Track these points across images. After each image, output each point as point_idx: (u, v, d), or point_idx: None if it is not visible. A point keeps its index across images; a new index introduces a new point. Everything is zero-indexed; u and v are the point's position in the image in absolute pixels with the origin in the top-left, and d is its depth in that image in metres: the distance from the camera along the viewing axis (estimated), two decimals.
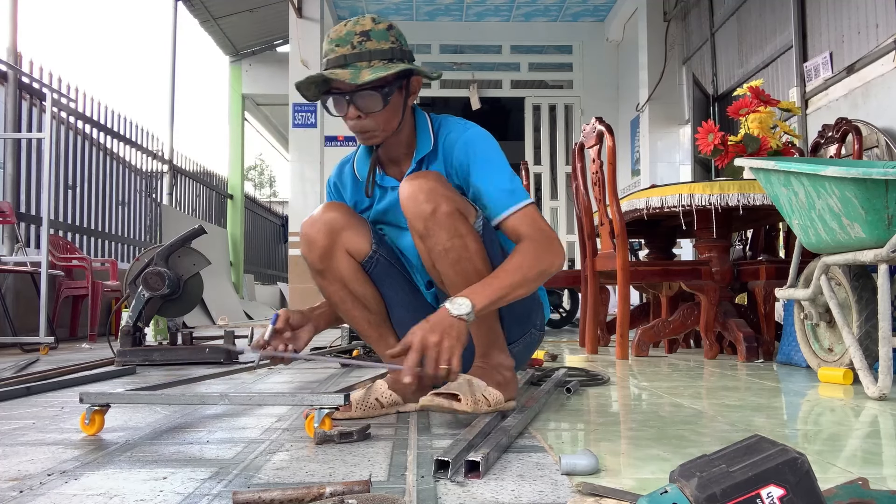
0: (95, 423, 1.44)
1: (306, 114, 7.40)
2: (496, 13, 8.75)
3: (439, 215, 1.44)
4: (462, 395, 1.43)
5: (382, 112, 1.52)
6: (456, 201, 1.46)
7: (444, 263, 1.48)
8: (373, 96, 1.50)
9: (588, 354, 3.30)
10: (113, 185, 6.79)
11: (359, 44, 1.49)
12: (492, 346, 1.56)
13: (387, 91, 1.51)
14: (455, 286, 1.50)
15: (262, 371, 2.66)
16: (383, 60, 1.50)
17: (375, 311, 1.68)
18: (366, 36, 1.50)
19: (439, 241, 1.46)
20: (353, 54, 1.48)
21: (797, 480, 0.67)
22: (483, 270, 1.49)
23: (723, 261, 3.13)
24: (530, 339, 1.67)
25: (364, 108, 1.51)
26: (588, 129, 3.32)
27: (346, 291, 1.64)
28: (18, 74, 4.96)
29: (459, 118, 1.67)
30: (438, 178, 1.48)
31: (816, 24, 4.96)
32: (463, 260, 1.47)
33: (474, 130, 1.60)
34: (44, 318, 4.12)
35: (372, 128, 1.54)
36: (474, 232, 1.49)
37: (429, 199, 1.43)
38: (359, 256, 1.63)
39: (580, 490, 0.96)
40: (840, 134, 3.38)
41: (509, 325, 1.60)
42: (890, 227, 1.83)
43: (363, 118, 1.52)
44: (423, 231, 1.47)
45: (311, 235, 1.60)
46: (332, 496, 0.92)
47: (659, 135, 7.51)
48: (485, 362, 1.56)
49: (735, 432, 1.41)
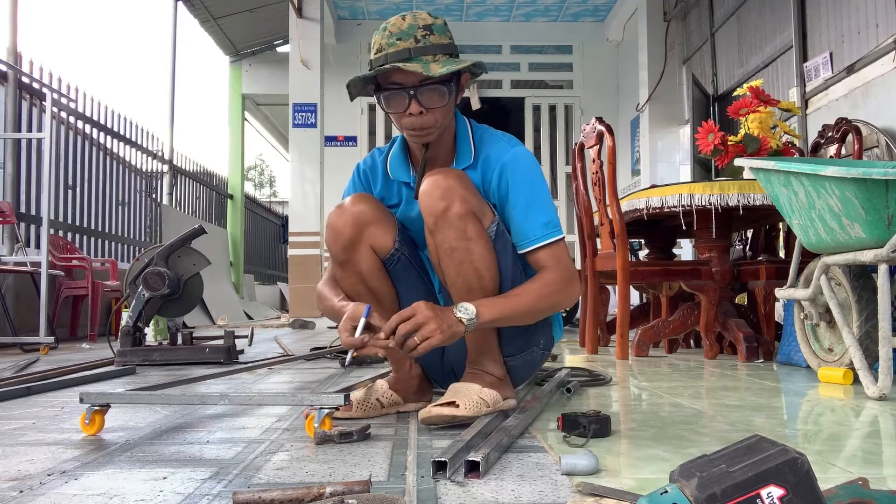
0: (95, 423, 1.44)
1: (306, 114, 7.39)
2: (496, 13, 8.75)
3: (451, 214, 1.43)
4: (460, 402, 1.43)
5: (442, 108, 1.50)
6: (471, 202, 1.45)
7: (448, 262, 1.48)
8: (438, 90, 1.48)
9: (588, 354, 3.30)
10: (113, 185, 6.79)
11: (423, 38, 1.48)
12: (483, 354, 1.55)
13: (451, 87, 1.50)
14: (454, 286, 1.50)
15: (262, 371, 2.66)
16: (446, 55, 1.50)
17: (388, 307, 1.64)
18: (429, 30, 1.49)
19: (446, 240, 1.46)
20: (417, 48, 1.47)
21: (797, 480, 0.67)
22: (484, 276, 1.48)
23: (723, 261, 3.12)
24: (531, 357, 1.64)
25: (428, 103, 1.48)
26: (588, 129, 3.32)
27: (363, 286, 1.61)
28: (18, 74, 4.96)
29: (502, 133, 1.63)
30: (460, 177, 1.47)
31: (816, 24, 4.96)
32: (466, 263, 1.46)
33: (518, 151, 1.57)
34: (44, 318, 4.12)
35: (431, 124, 1.51)
36: (485, 237, 1.47)
37: (444, 196, 1.43)
38: (382, 253, 1.60)
39: (580, 490, 0.96)
40: (840, 134, 3.38)
41: (510, 337, 1.58)
42: (890, 227, 1.83)
43: (425, 114, 1.49)
44: (433, 227, 1.46)
45: (337, 226, 1.56)
46: (332, 496, 0.92)
47: (659, 135, 7.51)
48: (475, 368, 1.55)
49: (735, 432, 1.41)
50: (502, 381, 1.56)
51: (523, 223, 1.53)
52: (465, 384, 1.51)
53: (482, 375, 1.54)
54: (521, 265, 1.57)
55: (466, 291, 1.48)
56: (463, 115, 1.66)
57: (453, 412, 1.41)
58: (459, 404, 1.43)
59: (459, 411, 1.41)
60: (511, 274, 1.52)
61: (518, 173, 1.54)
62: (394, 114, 1.52)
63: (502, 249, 1.52)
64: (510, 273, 1.52)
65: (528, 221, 1.53)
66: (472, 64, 1.52)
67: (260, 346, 4.07)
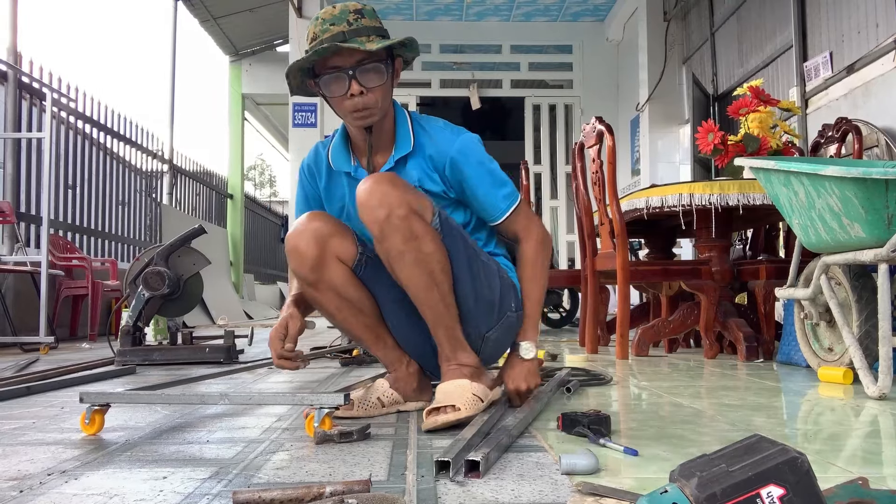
0: (95, 423, 1.44)
1: (306, 113, 7.39)
2: (496, 13, 8.74)
3: (393, 218, 1.44)
4: (458, 403, 1.44)
5: (381, 87, 1.55)
6: (409, 202, 1.46)
7: (400, 266, 1.49)
8: (377, 68, 1.53)
9: (588, 354, 3.30)
10: (113, 184, 6.79)
11: (355, 21, 1.53)
12: (456, 347, 1.57)
13: (386, 65, 1.55)
14: (410, 287, 1.51)
15: (262, 371, 2.66)
16: (379, 36, 1.55)
17: (370, 313, 1.68)
18: (360, 14, 1.55)
19: (394, 245, 1.47)
20: (351, 30, 1.52)
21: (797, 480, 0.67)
22: (437, 271, 1.49)
23: (723, 260, 3.12)
24: (507, 322, 1.66)
25: (367, 82, 1.53)
26: (588, 129, 3.32)
27: (341, 299, 1.63)
28: (18, 74, 4.96)
29: (442, 120, 1.69)
30: (391, 179, 1.48)
31: (816, 24, 4.96)
32: (418, 263, 1.48)
33: (464, 139, 1.64)
34: (44, 317, 4.12)
35: (373, 104, 1.55)
36: (431, 232, 1.49)
37: (382, 203, 1.44)
38: (348, 261, 1.63)
39: (580, 490, 0.96)
40: (840, 133, 3.38)
41: (482, 314, 1.61)
42: (890, 227, 1.83)
43: (365, 94, 1.53)
44: (379, 235, 1.47)
45: (300, 248, 1.57)
46: (332, 496, 0.92)
47: (659, 134, 7.51)
48: (453, 364, 1.57)
49: (735, 432, 1.41)
50: (479, 370, 1.59)
51: (489, 199, 1.64)
52: (453, 382, 1.52)
53: (461, 369, 1.55)
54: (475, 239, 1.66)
55: (424, 290, 1.50)
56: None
57: (458, 415, 1.43)
58: (460, 406, 1.44)
59: (461, 413, 1.43)
60: (465, 251, 1.57)
61: (470, 163, 1.63)
62: (335, 98, 1.56)
63: (450, 233, 1.54)
64: (463, 251, 1.56)
65: (493, 197, 1.64)
66: (406, 38, 1.57)
67: (260, 345, 4.07)
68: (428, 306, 1.53)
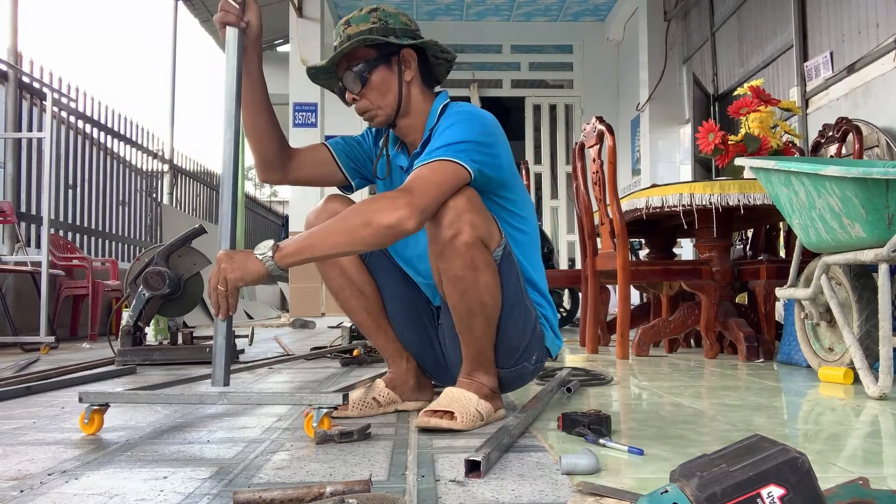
0: (95, 423, 1.44)
1: (306, 113, 7.39)
2: (496, 13, 8.74)
3: (458, 244, 1.41)
4: (457, 413, 1.43)
5: (369, 89, 1.55)
6: (479, 228, 1.41)
7: (451, 289, 1.47)
8: (350, 75, 1.55)
9: (588, 354, 3.30)
10: (113, 184, 6.79)
11: (342, 32, 1.55)
12: (480, 364, 1.54)
13: (361, 68, 1.53)
14: (455, 311, 1.49)
15: (263, 371, 2.66)
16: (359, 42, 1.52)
17: (372, 299, 1.70)
18: (347, 24, 1.56)
19: (451, 268, 1.44)
20: (339, 43, 1.55)
21: (798, 480, 0.67)
22: (487, 303, 1.46)
23: (723, 260, 3.12)
24: (523, 370, 1.62)
25: (350, 87, 1.55)
26: (588, 129, 3.32)
27: (345, 278, 1.67)
28: (19, 74, 4.96)
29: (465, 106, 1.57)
30: (470, 199, 1.41)
31: (817, 24, 4.96)
32: (470, 291, 1.45)
33: (465, 106, 1.55)
34: (44, 317, 4.12)
35: (367, 107, 1.56)
36: (491, 265, 1.46)
37: (452, 224, 1.40)
38: None
39: (580, 490, 0.96)
40: (840, 133, 3.38)
41: (503, 355, 1.57)
42: (890, 227, 1.83)
43: (358, 99, 1.56)
44: (439, 253, 1.44)
45: (313, 222, 1.61)
46: (332, 496, 0.92)
47: (659, 134, 7.51)
48: (471, 378, 1.54)
49: (735, 432, 1.41)
50: (495, 394, 1.56)
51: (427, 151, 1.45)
52: (462, 391, 1.50)
53: (478, 386, 1.53)
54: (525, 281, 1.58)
55: (468, 315, 1.47)
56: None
57: (450, 425, 1.42)
58: (457, 416, 1.43)
59: (456, 424, 1.42)
60: (513, 295, 1.51)
61: (449, 114, 1.52)
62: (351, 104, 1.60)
63: (507, 271, 1.50)
64: (512, 294, 1.51)
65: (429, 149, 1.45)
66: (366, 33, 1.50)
67: (260, 345, 4.07)
68: (468, 330, 1.50)
